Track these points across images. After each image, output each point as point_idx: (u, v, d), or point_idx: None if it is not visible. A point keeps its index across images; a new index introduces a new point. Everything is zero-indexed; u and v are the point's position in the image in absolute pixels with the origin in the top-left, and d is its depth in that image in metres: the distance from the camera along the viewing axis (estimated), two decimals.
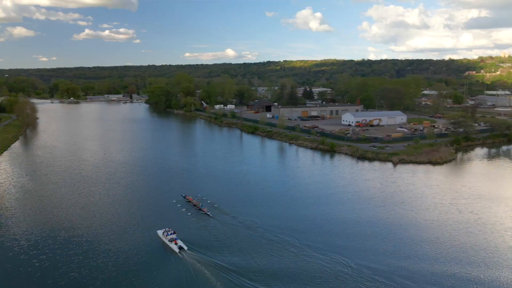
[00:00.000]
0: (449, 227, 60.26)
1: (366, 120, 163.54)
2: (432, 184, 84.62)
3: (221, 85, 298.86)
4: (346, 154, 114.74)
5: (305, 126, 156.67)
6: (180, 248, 50.88)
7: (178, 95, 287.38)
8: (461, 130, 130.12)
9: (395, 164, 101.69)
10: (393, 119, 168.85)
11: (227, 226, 60.45)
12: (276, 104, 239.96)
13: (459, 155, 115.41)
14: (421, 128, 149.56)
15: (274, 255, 50.70)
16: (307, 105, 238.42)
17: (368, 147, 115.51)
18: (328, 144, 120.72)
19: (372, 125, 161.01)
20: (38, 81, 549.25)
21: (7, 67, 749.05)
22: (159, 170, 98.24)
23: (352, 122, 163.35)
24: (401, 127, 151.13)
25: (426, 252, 52.01)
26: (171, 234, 53.92)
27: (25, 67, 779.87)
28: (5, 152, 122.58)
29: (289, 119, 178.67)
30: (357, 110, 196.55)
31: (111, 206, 70.56)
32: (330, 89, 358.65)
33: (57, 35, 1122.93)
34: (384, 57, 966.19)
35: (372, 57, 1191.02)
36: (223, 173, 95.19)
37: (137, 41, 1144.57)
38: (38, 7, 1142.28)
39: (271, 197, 76.00)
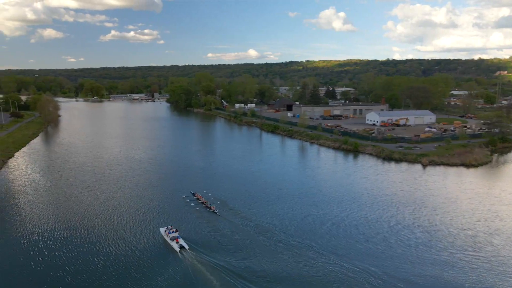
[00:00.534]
0: (490, 236, 53.49)
1: (392, 119, 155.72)
2: (466, 188, 77.23)
3: (242, 84, 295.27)
4: (370, 154, 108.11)
5: (327, 125, 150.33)
6: (181, 247, 47.87)
7: (198, 94, 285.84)
8: (496, 130, 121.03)
9: (424, 166, 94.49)
10: (421, 119, 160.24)
11: (236, 226, 56.47)
12: (297, 103, 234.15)
13: (495, 157, 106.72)
14: (452, 128, 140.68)
15: (288, 260, 45.91)
16: (330, 104, 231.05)
17: (395, 148, 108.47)
18: (352, 144, 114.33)
19: (398, 125, 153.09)
20: (65, 80, 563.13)
21: (37, 68, 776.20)
22: (173, 168, 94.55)
23: (377, 121, 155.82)
24: (430, 127, 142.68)
25: (464, 264, 45.68)
26: (173, 232, 50.97)
27: (54, 68, 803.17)
28: (23, 148, 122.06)
29: (310, 118, 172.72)
30: (382, 110, 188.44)
31: (118, 204, 66.96)
32: (354, 89, 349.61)
33: (85, 36, 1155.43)
34: (409, 57, 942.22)
35: (397, 57, 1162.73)
36: (240, 172, 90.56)
37: (161, 41, 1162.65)
38: (67, 9, 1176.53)
39: (289, 198, 70.85)
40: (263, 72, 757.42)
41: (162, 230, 52.76)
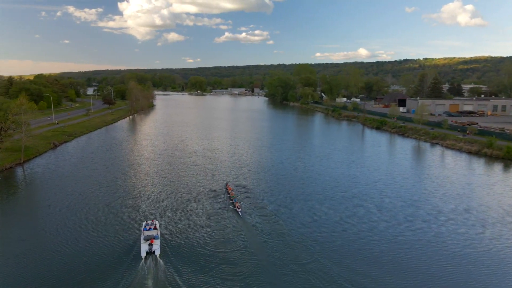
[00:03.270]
0: None
1: None
2: None
3: (346, 77, 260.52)
4: None
5: (456, 122, 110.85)
6: (150, 252, 33.49)
7: (296, 87, 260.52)
8: None
9: None
10: None
11: (252, 235, 38.21)
12: (412, 98, 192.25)
13: None
14: None
15: None
16: (457, 98, 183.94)
17: None
18: (501, 148, 75.93)
19: None
20: (178, 77, 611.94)
21: (160, 67, 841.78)
22: (231, 163, 69.88)
23: None
24: None
25: None
26: (149, 229, 36.96)
27: (174, 67, 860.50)
28: (92, 132, 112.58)
29: (431, 114, 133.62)
30: None
31: (121, 202, 46.28)
32: (485, 86, 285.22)
33: (202, 38, 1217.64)
34: None
35: None
36: (319, 176, 61.84)
37: (270, 42, 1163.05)
38: (188, 14, 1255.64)
39: (382, 217, 41.22)
40: (373, 70, 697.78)
41: (144, 224, 38.88)
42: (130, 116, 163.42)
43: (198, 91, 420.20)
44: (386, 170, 67.52)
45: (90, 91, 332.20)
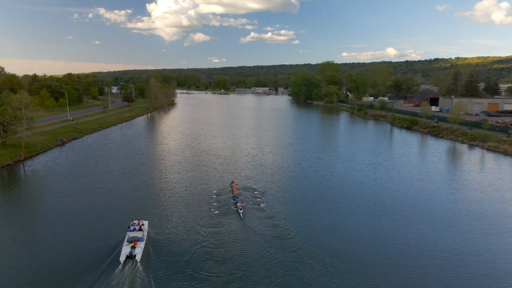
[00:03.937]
0: None
1: None
2: None
3: (373, 76, 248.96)
4: None
5: (497, 123, 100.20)
6: (130, 256, 29.46)
7: (321, 85, 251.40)
8: None
9: None
10: None
11: (251, 243, 32.75)
12: (445, 97, 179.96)
13: None
14: None
15: None
16: (496, 97, 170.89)
17: None
18: None
19: None
20: (203, 77, 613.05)
21: (186, 67, 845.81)
22: (243, 164, 63.36)
23: None
24: None
25: None
26: (134, 230, 32.80)
27: (200, 67, 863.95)
28: (105, 129, 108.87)
29: (466, 113, 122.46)
30: None
31: (122, 203, 41.72)
32: None
33: (228, 39, 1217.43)
34: None
35: None
36: (341, 179, 54.30)
37: (296, 41, 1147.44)
38: (214, 14, 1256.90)
39: (415, 231, 32.74)
40: (402, 70, 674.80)
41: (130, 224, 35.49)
42: (148, 114, 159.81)
43: (222, 90, 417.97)
44: (419, 174, 59.08)
45: (114, 89, 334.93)
